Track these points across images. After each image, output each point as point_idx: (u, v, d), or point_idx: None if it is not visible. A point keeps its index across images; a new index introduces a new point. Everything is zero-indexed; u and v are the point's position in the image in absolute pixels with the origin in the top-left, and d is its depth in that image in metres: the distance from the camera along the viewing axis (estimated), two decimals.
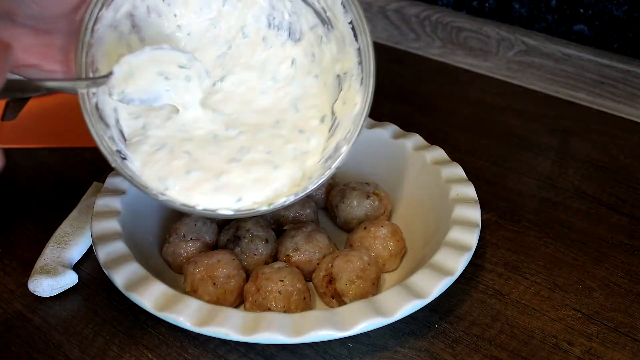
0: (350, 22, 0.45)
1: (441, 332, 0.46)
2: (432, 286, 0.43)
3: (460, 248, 0.46)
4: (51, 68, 0.42)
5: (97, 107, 0.43)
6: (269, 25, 0.49)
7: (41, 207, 0.58)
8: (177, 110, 0.46)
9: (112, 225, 0.48)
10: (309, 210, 0.54)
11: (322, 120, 0.48)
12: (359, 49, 0.45)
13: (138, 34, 0.46)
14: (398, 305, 0.42)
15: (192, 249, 0.50)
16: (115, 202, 0.50)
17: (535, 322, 0.47)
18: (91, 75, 0.42)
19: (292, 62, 0.49)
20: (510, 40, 0.79)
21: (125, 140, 0.45)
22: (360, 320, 0.41)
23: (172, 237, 0.50)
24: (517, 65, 0.80)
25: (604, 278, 0.51)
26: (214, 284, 0.46)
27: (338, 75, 0.48)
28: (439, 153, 0.56)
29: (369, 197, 0.53)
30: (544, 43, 0.77)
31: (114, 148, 0.43)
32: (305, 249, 0.49)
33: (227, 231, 0.51)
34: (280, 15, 0.49)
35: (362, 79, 0.45)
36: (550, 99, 0.77)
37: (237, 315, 0.41)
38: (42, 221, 0.55)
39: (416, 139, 0.58)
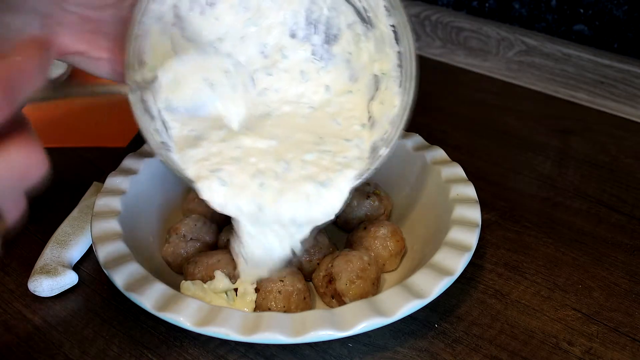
0: (393, 26, 0.45)
1: (441, 332, 0.46)
2: (432, 286, 0.43)
3: (460, 248, 0.46)
4: (98, 55, 0.42)
5: (141, 99, 0.43)
6: (307, 19, 0.49)
7: (41, 207, 0.58)
8: (231, 134, 0.46)
9: (112, 225, 0.48)
10: None
11: (363, 126, 0.48)
12: (399, 52, 0.45)
13: (180, 26, 0.46)
14: (398, 305, 0.42)
15: (192, 249, 0.50)
16: (115, 202, 0.50)
17: (535, 322, 0.47)
18: (137, 67, 0.43)
19: (326, 88, 0.50)
20: (510, 40, 0.79)
21: (167, 130, 0.45)
22: (360, 320, 0.41)
23: (172, 237, 0.50)
24: (517, 65, 0.80)
25: (604, 278, 0.51)
26: None
27: (375, 75, 0.48)
28: (439, 153, 0.56)
29: (369, 197, 0.53)
30: (544, 43, 0.77)
31: (159, 140, 0.44)
32: (305, 249, 0.49)
33: (227, 231, 0.51)
34: (319, 10, 0.49)
35: (400, 81, 0.45)
36: (550, 99, 0.77)
37: (237, 315, 0.41)
38: (42, 221, 0.55)
39: (416, 139, 0.58)
